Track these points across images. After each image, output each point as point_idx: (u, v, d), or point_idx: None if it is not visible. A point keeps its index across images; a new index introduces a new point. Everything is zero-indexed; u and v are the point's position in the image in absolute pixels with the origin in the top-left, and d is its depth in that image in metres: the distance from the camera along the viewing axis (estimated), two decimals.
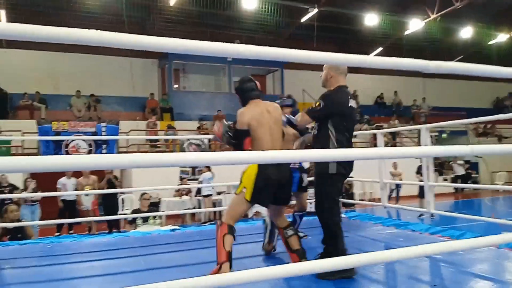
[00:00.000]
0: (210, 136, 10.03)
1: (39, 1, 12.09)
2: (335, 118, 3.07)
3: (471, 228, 6.44)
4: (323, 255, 3.05)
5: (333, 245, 3.03)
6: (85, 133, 11.86)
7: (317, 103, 3.09)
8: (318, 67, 3.28)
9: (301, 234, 4.26)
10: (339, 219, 3.14)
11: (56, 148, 11.07)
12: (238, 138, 3.11)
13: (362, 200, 12.56)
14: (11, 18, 11.54)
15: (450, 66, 1.44)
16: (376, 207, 10.71)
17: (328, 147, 3.02)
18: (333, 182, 3.10)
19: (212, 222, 9.69)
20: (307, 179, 4.34)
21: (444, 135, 17.50)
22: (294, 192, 4.36)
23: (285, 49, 1.43)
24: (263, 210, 10.79)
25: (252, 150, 3.01)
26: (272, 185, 2.98)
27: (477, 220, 4.73)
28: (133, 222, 6.28)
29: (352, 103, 3.18)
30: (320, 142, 3.12)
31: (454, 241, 1.71)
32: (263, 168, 2.92)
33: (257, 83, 3.25)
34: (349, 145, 3.15)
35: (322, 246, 3.15)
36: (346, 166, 3.14)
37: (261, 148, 2.96)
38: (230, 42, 1.43)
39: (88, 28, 1.23)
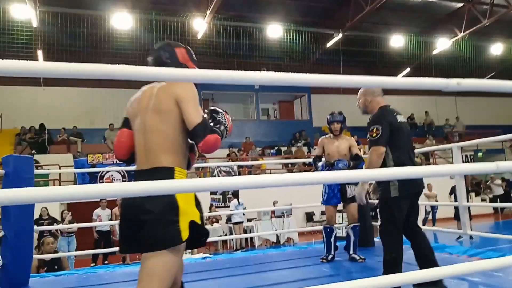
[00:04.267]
0: (240, 163, 10.08)
1: (73, 41, 12.70)
2: (390, 137, 2.97)
3: None
4: None
5: (389, 272, 2.89)
6: (119, 165, 12.18)
7: (373, 129, 2.96)
8: (345, 91, 3.33)
9: (356, 257, 4.29)
10: (401, 246, 2.97)
11: (91, 180, 11.39)
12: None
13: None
14: (47, 58, 12.16)
15: (471, 83, 1.43)
16: None
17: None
18: (396, 206, 2.94)
19: (244, 250, 9.64)
20: (354, 190, 4.21)
21: (480, 154, 16.97)
22: (342, 204, 4.49)
23: (310, 74, 1.45)
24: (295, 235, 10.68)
25: None
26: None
27: None
28: None
29: (400, 118, 3.12)
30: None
31: (487, 260, 1.65)
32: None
33: (178, 50, 2.06)
34: (410, 162, 3.02)
35: (380, 268, 3.06)
36: (413, 186, 2.96)
37: (136, 154, 1.95)
38: (257, 70, 1.47)
39: (120, 64, 1.30)
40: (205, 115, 1.98)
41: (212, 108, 2.12)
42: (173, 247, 1.72)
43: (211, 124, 1.97)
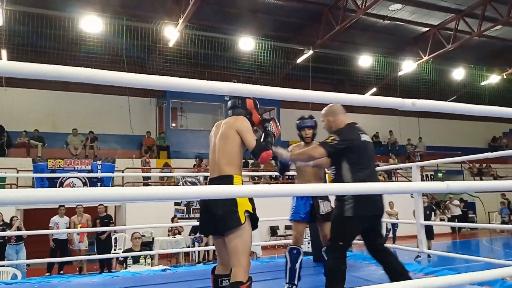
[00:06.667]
0: (206, 174, 10.00)
1: (40, 42, 12.37)
2: (351, 154, 2.94)
3: (468, 268, 6.33)
4: None
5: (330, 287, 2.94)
6: (81, 171, 11.86)
7: (331, 137, 2.96)
8: (313, 106, 3.34)
9: None
10: (345, 266, 2.95)
11: (50, 186, 11.03)
12: None
13: (358, 240, 12.40)
14: (12, 58, 11.77)
15: (426, 104, 1.47)
16: None
17: None
18: (349, 226, 2.90)
19: (208, 262, 9.52)
20: (328, 206, 3.88)
21: (440, 175, 17.52)
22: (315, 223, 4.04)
23: (281, 88, 1.47)
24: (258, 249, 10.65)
25: None
26: None
27: (474, 260, 4.66)
28: (124, 262, 6.16)
29: (365, 137, 3.09)
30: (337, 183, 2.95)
31: (442, 277, 1.68)
32: None
33: (247, 101, 2.89)
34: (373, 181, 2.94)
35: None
36: (371, 208, 2.91)
37: (209, 167, 2.89)
38: (227, 82, 1.47)
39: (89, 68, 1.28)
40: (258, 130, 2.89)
41: (262, 118, 2.93)
42: (238, 228, 2.55)
43: (262, 139, 2.80)
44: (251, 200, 2.66)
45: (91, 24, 11.91)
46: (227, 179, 2.65)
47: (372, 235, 3.05)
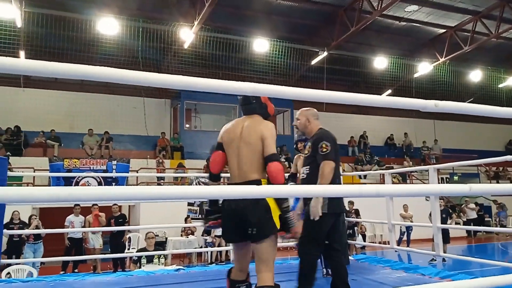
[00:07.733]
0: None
1: (57, 43, 12.54)
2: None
3: (484, 273, 6.23)
4: None
5: (302, 284, 3.13)
6: (96, 171, 11.99)
7: (323, 145, 3.08)
8: (327, 108, 3.38)
9: None
10: (316, 261, 3.17)
11: (66, 185, 11.16)
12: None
13: (372, 242, 12.31)
14: (30, 59, 11.90)
15: (448, 105, 1.45)
16: (386, 249, 10.47)
17: None
18: (323, 222, 3.07)
19: (221, 263, 9.53)
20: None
21: (455, 178, 17.28)
22: None
23: (298, 88, 1.47)
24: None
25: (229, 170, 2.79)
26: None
27: (490, 264, 4.59)
28: (138, 261, 6.20)
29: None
30: (311, 183, 3.05)
31: (459, 281, 1.65)
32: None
33: (262, 98, 2.81)
34: (339, 182, 3.21)
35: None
36: (338, 206, 3.17)
37: (230, 171, 2.76)
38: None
39: None
40: None
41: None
42: (273, 234, 2.53)
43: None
44: None
45: (108, 26, 12.04)
46: (255, 184, 2.55)
47: (330, 232, 3.24)
